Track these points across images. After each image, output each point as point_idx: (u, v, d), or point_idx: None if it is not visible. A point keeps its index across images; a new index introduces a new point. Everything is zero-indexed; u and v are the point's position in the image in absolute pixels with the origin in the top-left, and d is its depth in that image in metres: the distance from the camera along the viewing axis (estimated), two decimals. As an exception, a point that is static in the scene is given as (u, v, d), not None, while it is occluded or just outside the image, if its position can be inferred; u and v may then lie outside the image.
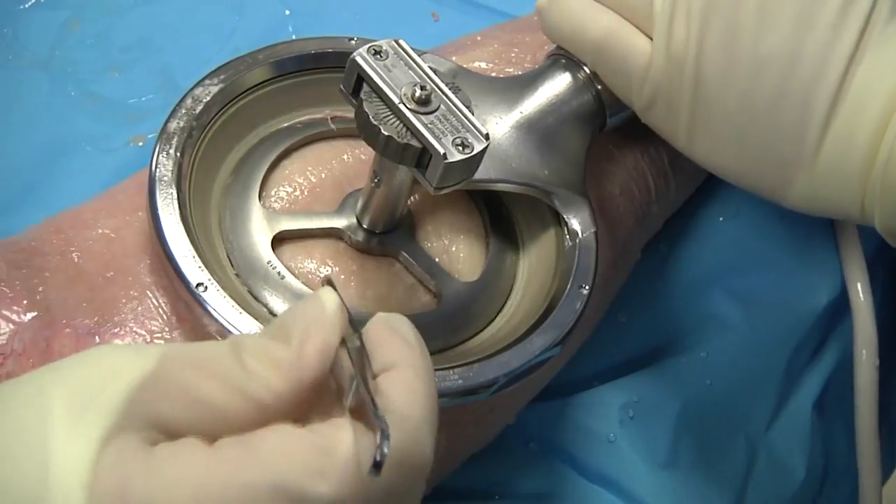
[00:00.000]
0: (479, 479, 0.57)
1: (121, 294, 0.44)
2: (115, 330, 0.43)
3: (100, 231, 0.46)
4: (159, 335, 0.43)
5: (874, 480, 0.59)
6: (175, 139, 0.46)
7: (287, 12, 0.69)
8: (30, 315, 0.43)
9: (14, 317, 0.43)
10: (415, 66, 0.42)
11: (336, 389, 0.32)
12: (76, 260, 0.45)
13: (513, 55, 0.58)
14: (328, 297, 0.32)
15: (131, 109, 0.64)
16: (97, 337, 0.42)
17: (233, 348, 0.31)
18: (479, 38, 0.60)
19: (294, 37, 0.67)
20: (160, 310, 0.43)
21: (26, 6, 0.66)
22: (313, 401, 0.31)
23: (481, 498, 0.56)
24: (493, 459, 0.57)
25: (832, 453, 0.62)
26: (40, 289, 0.44)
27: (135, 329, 0.43)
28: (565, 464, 0.58)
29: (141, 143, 0.62)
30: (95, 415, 0.29)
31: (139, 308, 0.44)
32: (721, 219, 0.65)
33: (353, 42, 0.51)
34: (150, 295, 0.44)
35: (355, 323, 0.33)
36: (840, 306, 0.63)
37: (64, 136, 0.62)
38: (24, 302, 0.43)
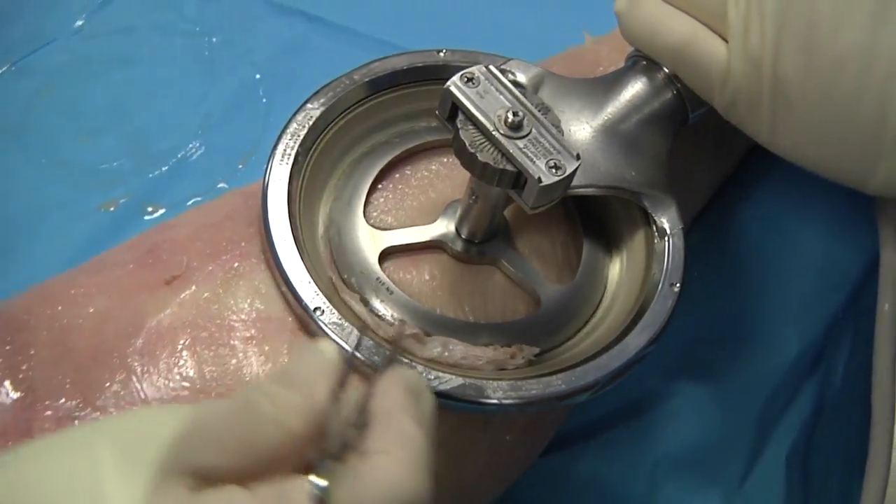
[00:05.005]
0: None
1: (105, 377, 0.43)
2: (96, 414, 0.42)
3: (92, 310, 0.45)
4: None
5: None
6: (283, 168, 0.48)
7: (258, 76, 0.69)
8: (13, 395, 0.42)
9: (-4, 396, 0.42)
10: (505, 91, 0.43)
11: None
12: (64, 337, 0.44)
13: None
14: (328, 347, 0.35)
15: (102, 175, 0.64)
16: (77, 421, 0.41)
17: (249, 402, 0.33)
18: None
19: (265, 101, 0.68)
20: (141, 394, 0.42)
21: (-2, 74, 0.67)
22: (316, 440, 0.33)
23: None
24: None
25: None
26: (24, 367, 0.43)
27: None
28: (537, 522, 0.58)
29: (112, 209, 0.62)
30: (141, 464, 0.32)
31: (122, 392, 0.43)
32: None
33: (441, 55, 0.53)
34: (135, 379, 0.43)
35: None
36: (812, 355, 0.64)
37: (35, 203, 0.62)
38: (7, 382, 0.42)
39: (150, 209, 0.63)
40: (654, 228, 0.51)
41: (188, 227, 0.49)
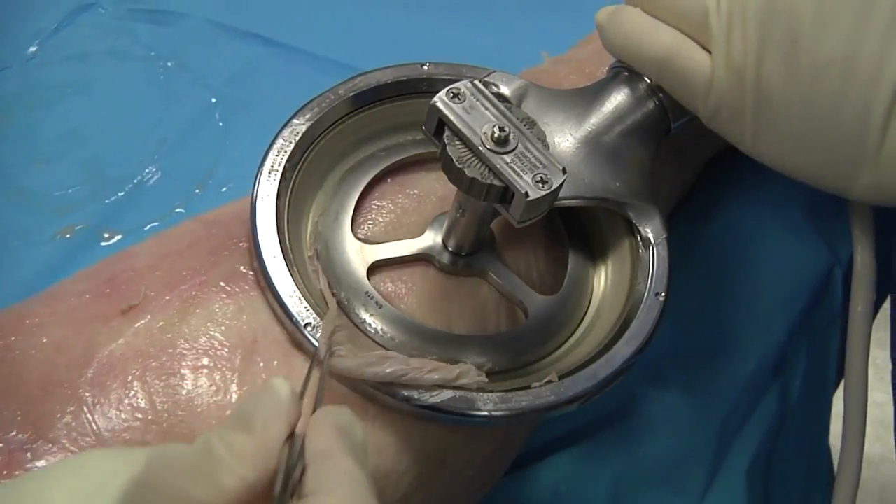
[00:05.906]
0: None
1: (57, 409, 0.42)
2: (48, 447, 0.41)
3: (45, 340, 0.44)
4: (89, 453, 0.42)
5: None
6: (270, 184, 0.48)
7: (213, 100, 0.69)
8: (-38, 429, 0.41)
9: (-54, 430, 0.41)
10: (491, 105, 0.44)
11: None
12: (17, 369, 0.43)
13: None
14: (281, 387, 0.35)
15: (58, 202, 0.63)
16: (29, 453, 0.41)
17: (205, 447, 0.33)
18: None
19: (221, 125, 0.68)
20: (93, 426, 0.42)
21: (-47, 102, 0.66)
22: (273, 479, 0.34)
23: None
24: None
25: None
26: (-25, 400, 0.42)
27: (67, 446, 0.41)
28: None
29: (69, 236, 0.62)
30: None
31: (73, 423, 0.42)
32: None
33: (425, 68, 0.53)
34: (86, 410, 0.42)
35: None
36: (770, 368, 0.64)
37: (-10, 230, 0.61)
38: (-43, 415, 0.42)
39: (106, 235, 0.62)
40: (639, 238, 0.51)
41: (149, 256, 0.49)
